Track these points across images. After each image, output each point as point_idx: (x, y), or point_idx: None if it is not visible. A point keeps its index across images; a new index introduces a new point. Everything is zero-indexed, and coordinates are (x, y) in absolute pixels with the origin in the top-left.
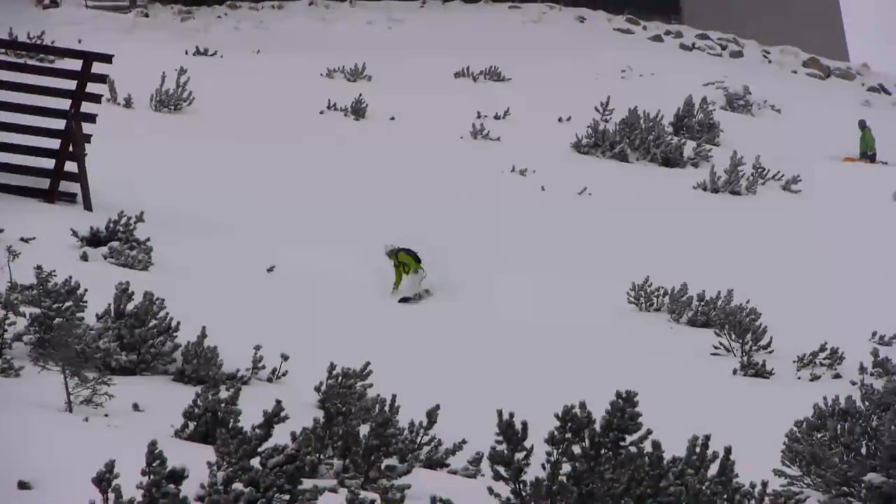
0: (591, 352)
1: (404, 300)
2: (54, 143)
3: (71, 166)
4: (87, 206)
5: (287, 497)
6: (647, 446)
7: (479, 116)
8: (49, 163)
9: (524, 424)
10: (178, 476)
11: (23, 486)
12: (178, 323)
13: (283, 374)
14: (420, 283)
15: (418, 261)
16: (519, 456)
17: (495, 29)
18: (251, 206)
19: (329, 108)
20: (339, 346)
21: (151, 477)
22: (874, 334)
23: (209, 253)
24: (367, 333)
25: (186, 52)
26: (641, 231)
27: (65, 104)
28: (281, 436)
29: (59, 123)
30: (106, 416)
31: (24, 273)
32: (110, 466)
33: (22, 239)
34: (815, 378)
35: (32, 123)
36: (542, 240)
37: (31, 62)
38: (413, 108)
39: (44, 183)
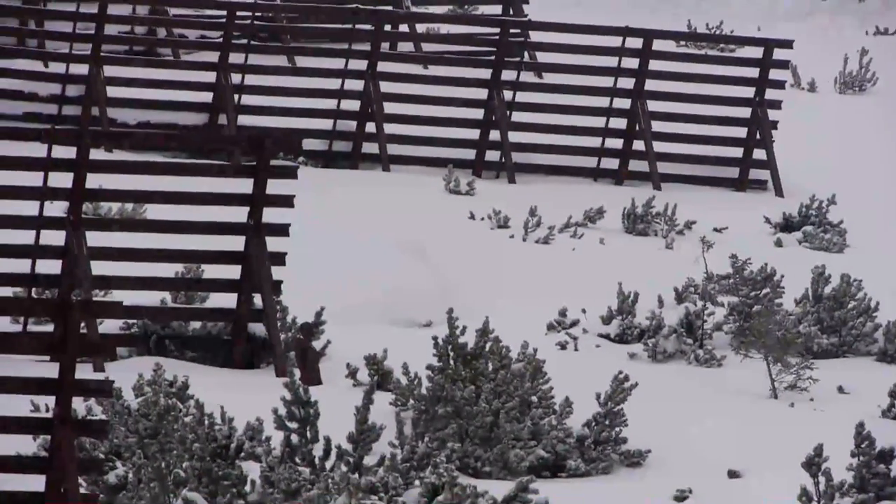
0: None
1: None
2: (742, 132)
3: (759, 153)
4: (779, 193)
5: None
6: None
7: None
8: (737, 151)
9: None
10: (887, 455)
11: (732, 474)
12: (878, 303)
13: None
14: None
15: None
16: None
17: None
18: None
19: None
20: None
21: (861, 458)
22: None
23: None
24: None
25: (867, 33)
26: None
27: (749, 92)
28: None
29: (745, 112)
30: (811, 400)
31: (720, 263)
32: (819, 450)
33: (715, 229)
34: None
35: (719, 113)
36: None
37: (711, 52)
38: None
39: (733, 172)
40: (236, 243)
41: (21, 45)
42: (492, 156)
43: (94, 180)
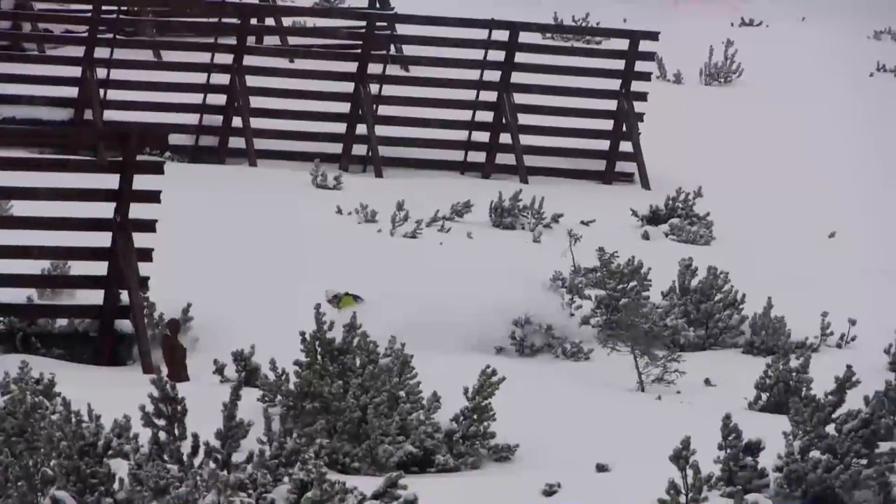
0: None
1: None
2: (608, 125)
3: (626, 146)
4: (645, 185)
5: (864, 461)
6: None
7: None
8: (604, 144)
9: None
10: (754, 448)
11: (601, 468)
12: (744, 295)
13: (852, 339)
14: None
15: None
16: None
17: None
18: (810, 173)
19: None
20: None
21: (728, 451)
22: None
23: (769, 224)
24: None
25: (732, 24)
26: None
27: (615, 84)
28: (853, 401)
29: (611, 104)
30: (678, 392)
31: (587, 256)
32: (686, 443)
33: (582, 222)
34: None
35: (585, 106)
36: None
37: (577, 45)
38: None
39: (600, 165)
40: (103, 239)
41: None
42: (359, 150)
43: None
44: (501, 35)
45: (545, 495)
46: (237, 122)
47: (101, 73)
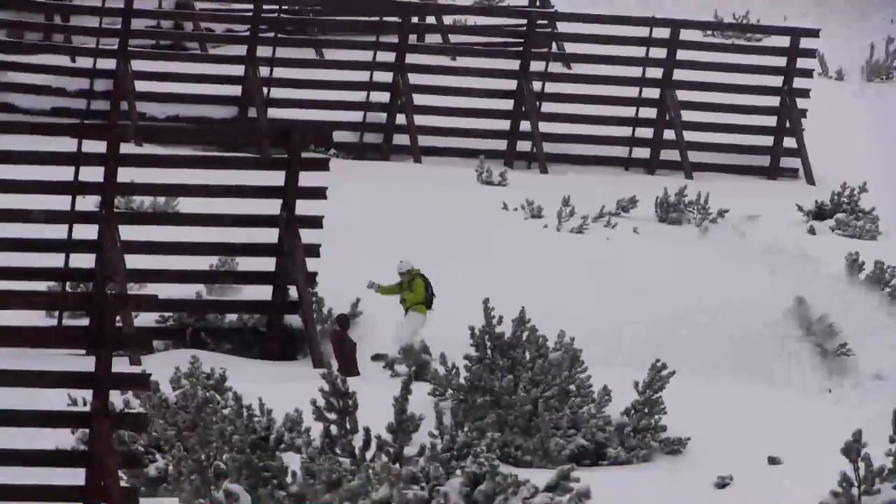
0: None
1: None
2: (771, 121)
3: (789, 142)
4: (809, 181)
5: None
6: None
7: None
8: (767, 140)
9: None
10: None
11: (773, 461)
12: None
13: None
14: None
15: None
16: None
17: None
18: None
19: None
20: None
21: None
22: None
23: None
24: None
25: (892, 21)
26: None
27: (777, 81)
28: None
29: (774, 100)
30: (846, 385)
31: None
32: (858, 436)
33: (748, 217)
34: None
35: (747, 102)
36: None
37: (738, 42)
38: None
39: (764, 160)
40: (270, 236)
41: (48, 41)
42: (523, 146)
43: (125, 174)
44: (661, 32)
45: (717, 488)
46: (401, 119)
47: (263, 71)
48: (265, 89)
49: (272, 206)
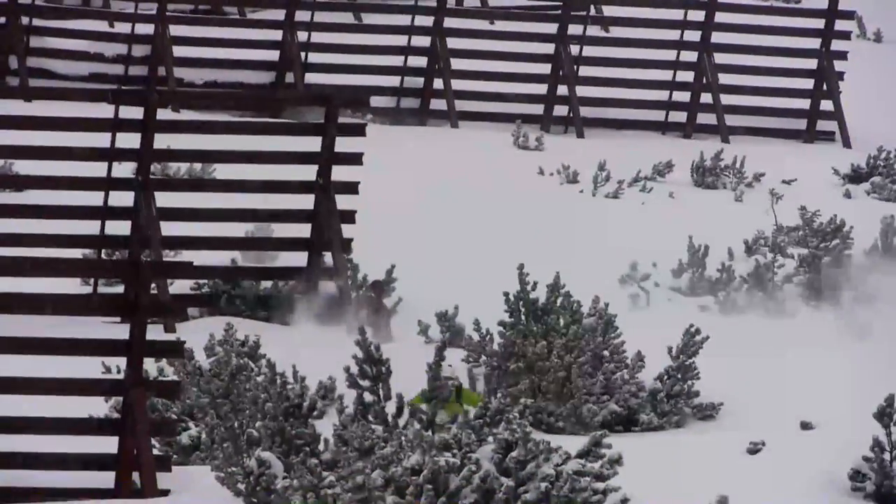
0: None
1: None
2: (808, 84)
3: (826, 105)
4: (846, 144)
5: None
6: None
7: None
8: (804, 103)
9: None
10: None
11: (805, 426)
12: None
13: None
14: None
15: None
16: None
17: None
18: None
19: None
20: None
21: None
22: None
23: None
24: None
25: None
26: None
27: (814, 43)
28: None
29: (811, 63)
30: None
31: (789, 214)
32: (891, 400)
33: (784, 181)
34: None
35: (785, 65)
36: None
37: (776, 4)
38: None
39: (801, 123)
40: (306, 202)
41: (86, 6)
42: (559, 111)
43: (161, 140)
44: None
45: (750, 453)
46: (438, 83)
47: (301, 35)
48: (303, 53)
49: (308, 173)
